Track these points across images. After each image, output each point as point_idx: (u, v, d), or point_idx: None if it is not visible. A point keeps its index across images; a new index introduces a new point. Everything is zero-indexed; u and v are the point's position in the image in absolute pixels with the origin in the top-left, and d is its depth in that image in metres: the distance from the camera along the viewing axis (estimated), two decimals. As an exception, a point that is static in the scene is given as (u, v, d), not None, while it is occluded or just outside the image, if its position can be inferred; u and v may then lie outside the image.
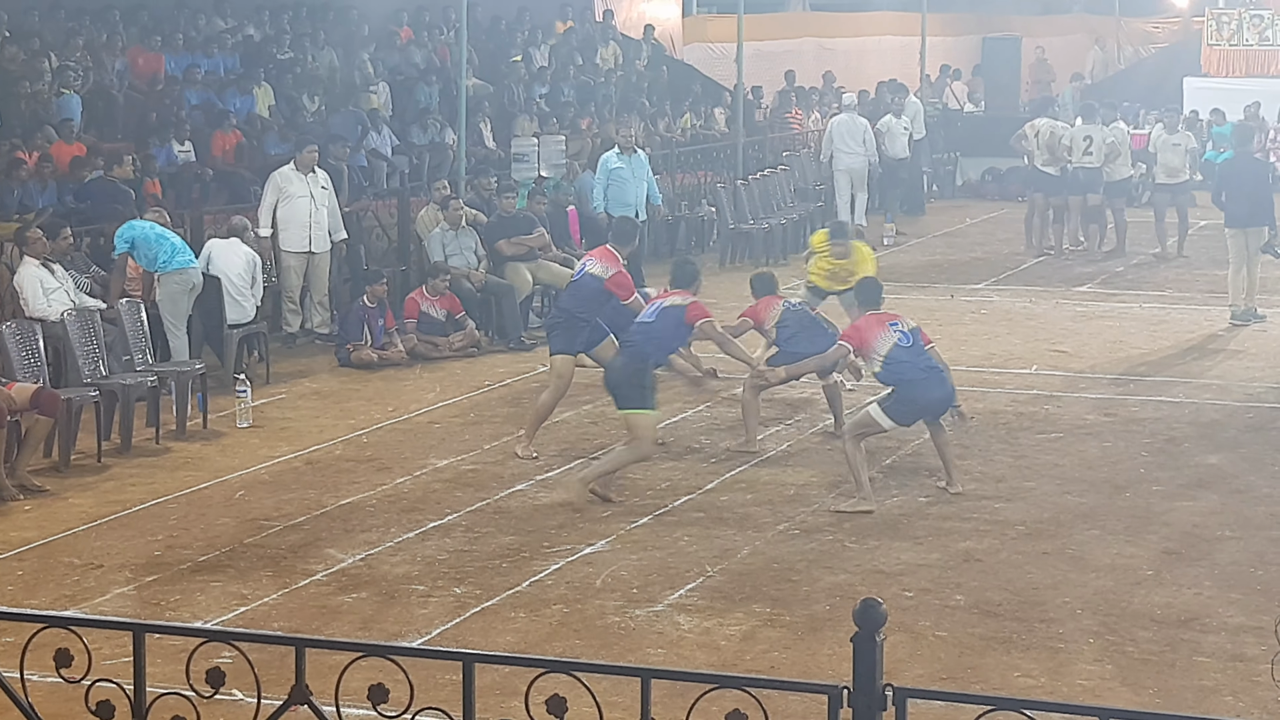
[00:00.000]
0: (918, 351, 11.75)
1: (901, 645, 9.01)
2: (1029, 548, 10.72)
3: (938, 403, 11.77)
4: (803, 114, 29.83)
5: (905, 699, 4.13)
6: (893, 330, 11.81)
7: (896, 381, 11.75)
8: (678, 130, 26.58)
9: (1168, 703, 8.31)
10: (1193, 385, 15.26)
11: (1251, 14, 33.29)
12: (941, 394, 11.74)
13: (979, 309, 19.19)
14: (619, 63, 28.24)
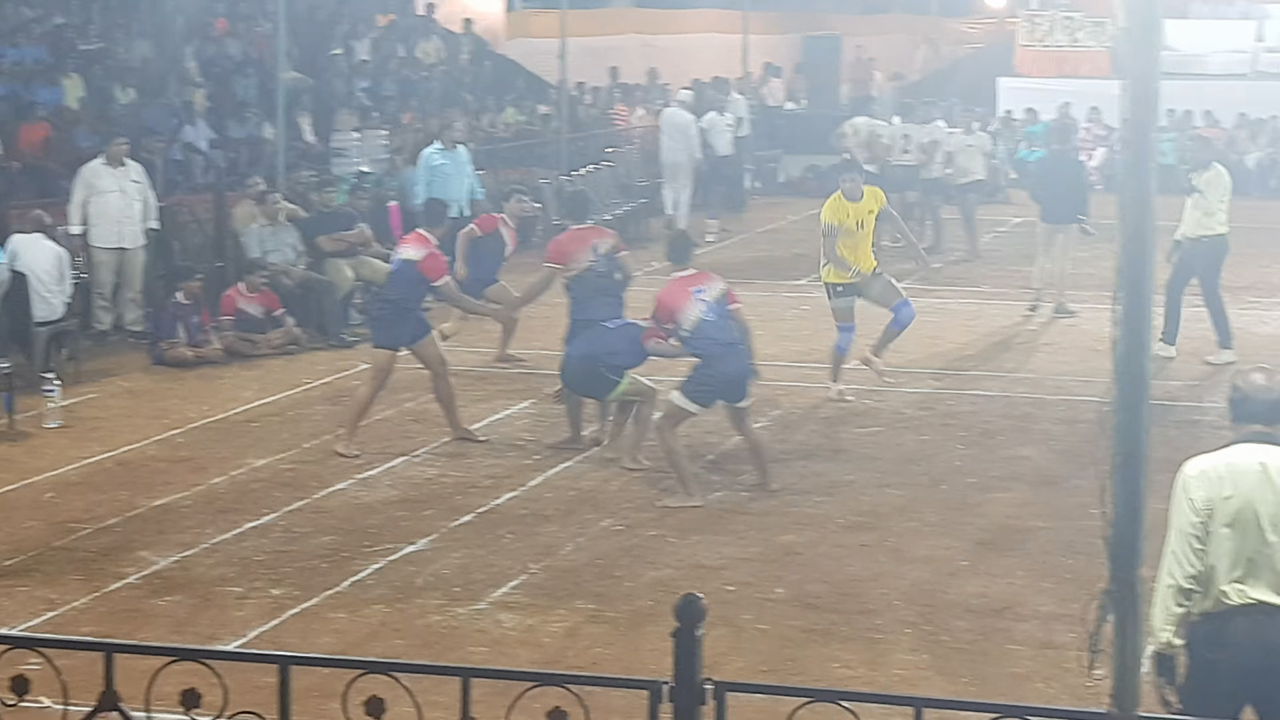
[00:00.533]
0: (720, 326, 11.68)
1: (723, 639, 9.06)
2: (848, 540, 10.84)
3: (735, 380, 11.67)
4: (627, 110, 29.91)
5: (725, 693, 4.18)
6: (698, 299, 11.70)
7: (698, 355, 11.71)
8: (501, 125, 26.51)
9: (982, 691, 8.43)
10: (1006, 379, 15.54)
11: (1063, 16, 34.01)
12: (737, 370, 11.67)
13: (801, 305, 19.37)
14: (441, 57, 28.10)
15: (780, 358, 16.33)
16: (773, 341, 17.09)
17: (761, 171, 30.67)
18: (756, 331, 17.35)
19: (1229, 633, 6.03)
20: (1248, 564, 6.03)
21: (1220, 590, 6.04)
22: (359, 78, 25.19)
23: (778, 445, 13.10)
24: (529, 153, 26.21)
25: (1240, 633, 6.03)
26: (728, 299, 11.86)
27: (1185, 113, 30.74)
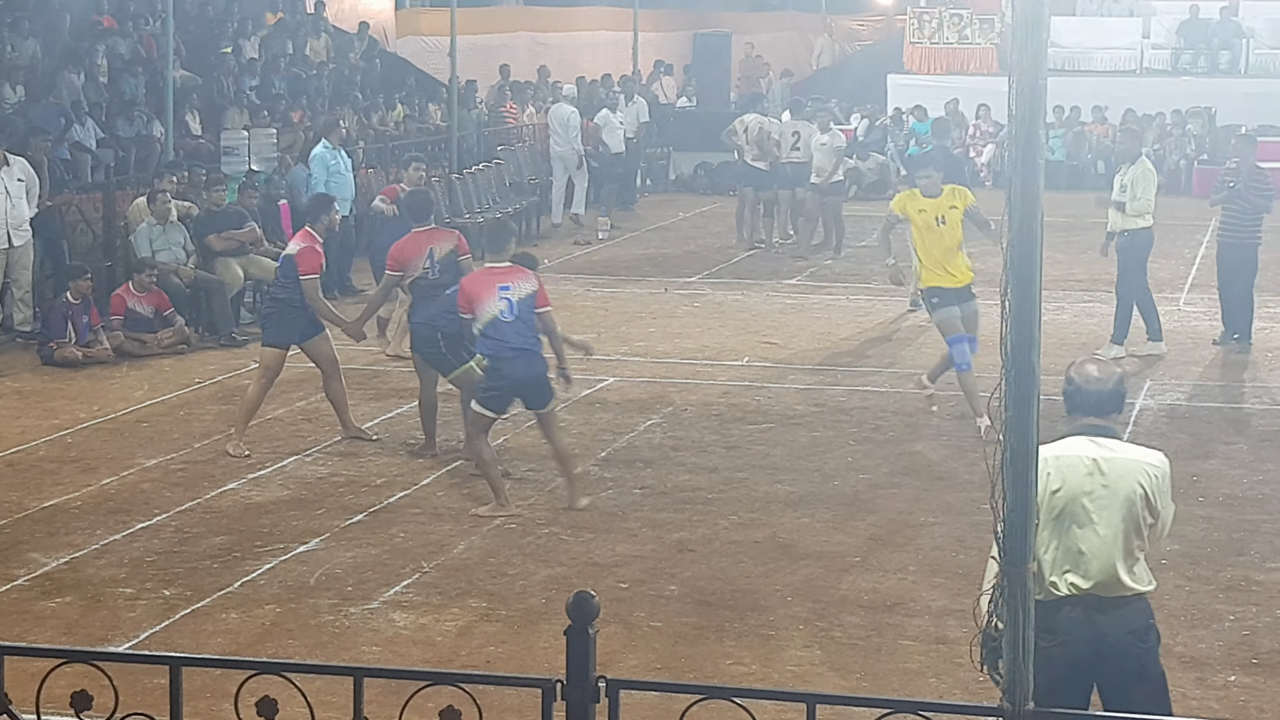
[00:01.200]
0: (516, 328, 11.23)
1: (616, 636, 9.09)
2: (741, 537, 10.90)
3: (525, 384, 11.31)
4: (518, 108, 29.88)
5: (618, 690, 4.19)
6: (500, 298, 11.24)
7: (485, 355, 11.44)
8: (391, 123, 26.40)
9: (874, 686, 8.51)
10: (898, 375, 15.66)
11: (951, 13, 34.31)
12: (529, 375, 11.29)
13: (692, 302, 19.44)
14: (331, 55, 27.93)
15: (671, 355, 16.39)
16: (664, 339, 17.16)
17: (652, 169, 30.74)
18: (648, 328, 17.57)
19: (1059, 623, 6.13)
20: (1077, 555, 6.15)
21: (1050, 581, 6.15)
22: (248, 76, 24.98)
23: (669, 443, 13.15)
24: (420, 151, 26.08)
25: (1070, 623, 6.14)
26: (536, 300, 11.35)
27: (1073, 109, 31.13)
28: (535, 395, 11.47)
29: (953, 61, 34.03)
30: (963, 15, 34.18)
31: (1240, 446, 13.09)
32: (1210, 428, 13.68)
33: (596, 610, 4.18)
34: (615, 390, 14.92)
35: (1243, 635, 9.22)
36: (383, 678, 4.76)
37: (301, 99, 25.00)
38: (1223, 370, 15.88)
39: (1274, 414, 14.12)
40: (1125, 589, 6.15)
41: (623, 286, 20.45)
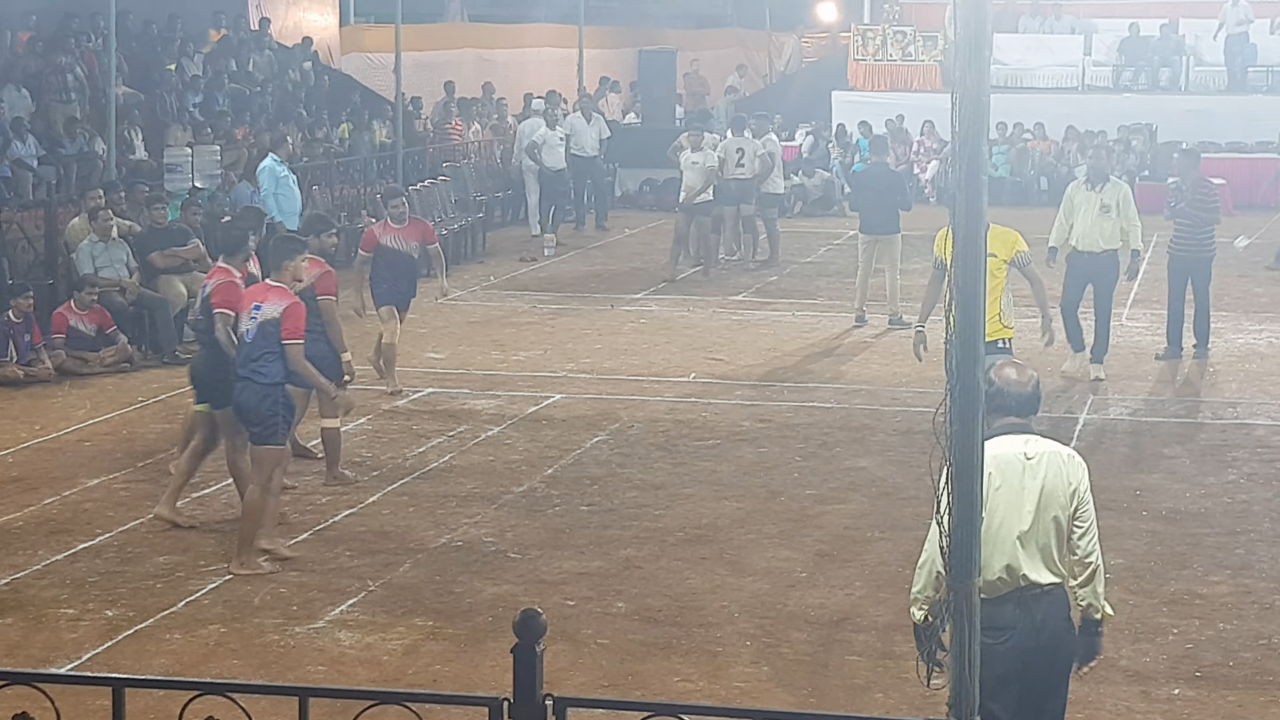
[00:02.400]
0: (248, 350, 10.63)
1: (563, 654, 9.09)
2: (688, 553, 10.91)
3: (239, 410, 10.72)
4: (463, 125, 29.91)
5: (565, 708, 4.21)
6: (250, 317, 10.70)
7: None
8: (336, 140, 26.36)
9: (822, 702, 8.54)
10: (843, 390, 15.73)
11: (894, 30, 34.54)
12: (240, 401, 10.66)
13: (638, 319, 19.46)
14: (274, 72, 27.88)
15: (618, 371, 16.40)
16: (610, 355, 17.18)
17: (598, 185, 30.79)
18: (594, 345, 17.59)
19: (1002, 616, 6.30)
20: (1014, 547, 6.35)
21: (992, 575, 6.29)
22: (191, 93, 24.89)
23: (615, 459, 13.15)
24: (365, 168, 26.11)
25: (1012, 616, 6.34)
26: (281, 329, 10.62)
27: (1016, 125, 31.38)
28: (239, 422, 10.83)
29: (897, 78, 34.25)
30: (906, 32, 34.40)
31: (1182, 460, 13.19)
32: (1152, 442, 13.79)
33: (543, 628, 4.19)
34: (561, 407, 14.92)
35: (1186, 649, 9.29)
36: (328, 697, 4.75)
37: (245, 116, 24.93)
38: (1164, 385, 16.01)
39: (1215, 428, 14.23)
40: (1056, 578, 6.40)
41: (569, 303, 20.46)
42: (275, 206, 19.04)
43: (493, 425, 14.04)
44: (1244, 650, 9.26)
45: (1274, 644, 9.34)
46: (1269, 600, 10.03)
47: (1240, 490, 12.34)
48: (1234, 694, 8.69)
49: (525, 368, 16.44)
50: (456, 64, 32.60)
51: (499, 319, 19.13)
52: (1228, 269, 22.70)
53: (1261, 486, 12.43)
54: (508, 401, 14.92)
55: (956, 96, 4.44)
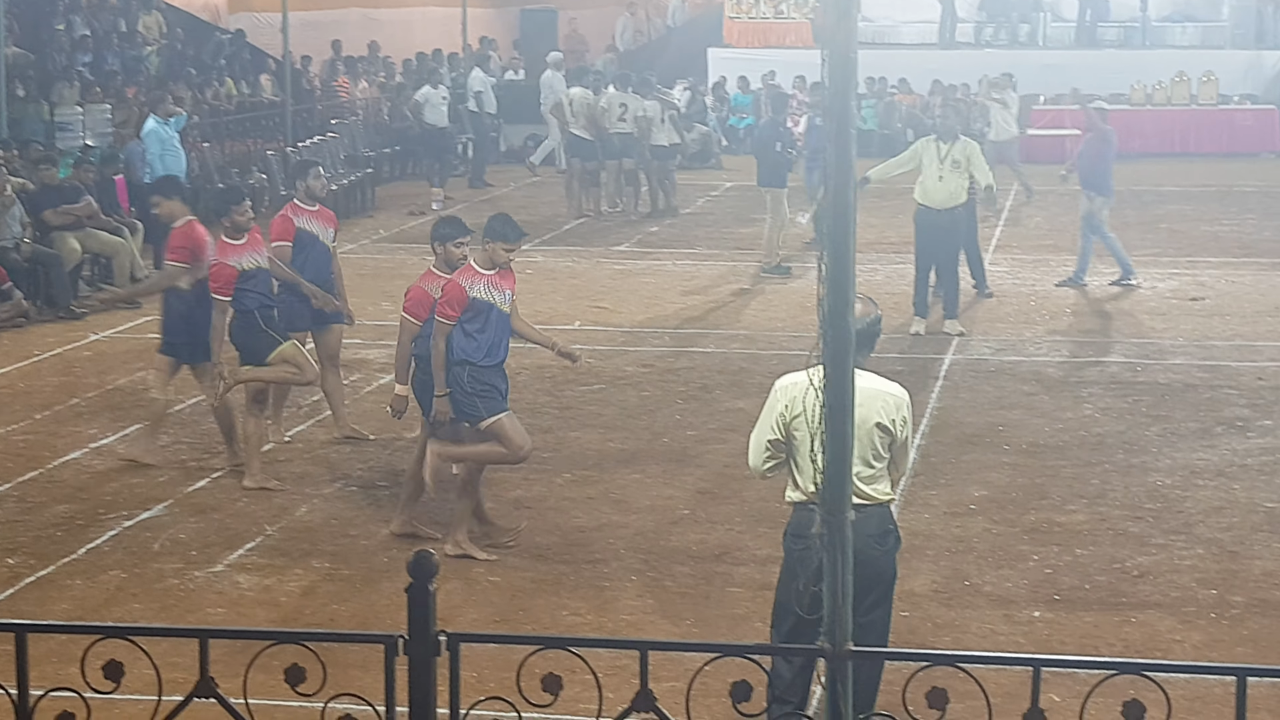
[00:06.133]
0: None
1: (457, 592, 9.39)
2: (575, 493, 11.27)
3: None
4: (350, 82, 29.98)
5: (458, 644, 4.30)
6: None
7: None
8: (224, 98, 26.36)
9: (704, 632, 8.91)
10: (722, 336, 16.12)
11: (768, -11, 34.85)
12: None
13: (524, 269, 19.67)
14: (164, 31, 27.80)
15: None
16: (499, 306, 17.44)
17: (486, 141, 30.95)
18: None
19: (798, 525, 7.07)
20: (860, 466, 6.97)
21: (809, 490, 6.98)
22: (81, 52, 24.78)
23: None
24: (254, 125, 26.15)
25: (804, 524, 6.94)
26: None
27: (883, 80, 31.87)
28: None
29: (770, 35, 34.59)
30: (779, -9, 34.71)
31: (1041, 397, 13.70)
32: (1014, 380, 14.29)
33: (436, 568, 4.24)
34: (450, 356, 15.16)
35: (1045, 574, 9.77)
36: (228, 638, 4.83)
37: (136, 75, 24.88)
38: (1025, 325, 16.50)
39: (1071, 365, 14.76)
40: (865, 498, 6.98)
41: (456, 256, 20.66)
42: (163, 169, 19.15)
43: (385, 374, 14.30)
44: (1099, 574, 9.75)
45: (1127, 568, 9.84)
46: (1122, 527, 10.55)
47: (1095, 424, 12.88)
48: (1090, 615, 9.16)
49: (414, 319, 16.65)
50: (343, 23, 32.62)
51: (388, 271, 19.32)
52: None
53: (1115, 420, 12.98)
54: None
55: (826, 53, 4.51)
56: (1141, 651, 8.60)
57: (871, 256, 19.33)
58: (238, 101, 26.77)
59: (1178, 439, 12.43)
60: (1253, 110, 31.65)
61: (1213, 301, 17.34)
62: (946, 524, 10.61)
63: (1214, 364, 14.70)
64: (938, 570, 9.84)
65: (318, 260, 12.46)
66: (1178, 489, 11.28)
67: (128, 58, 25.62)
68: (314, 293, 12.26)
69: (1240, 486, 11.32)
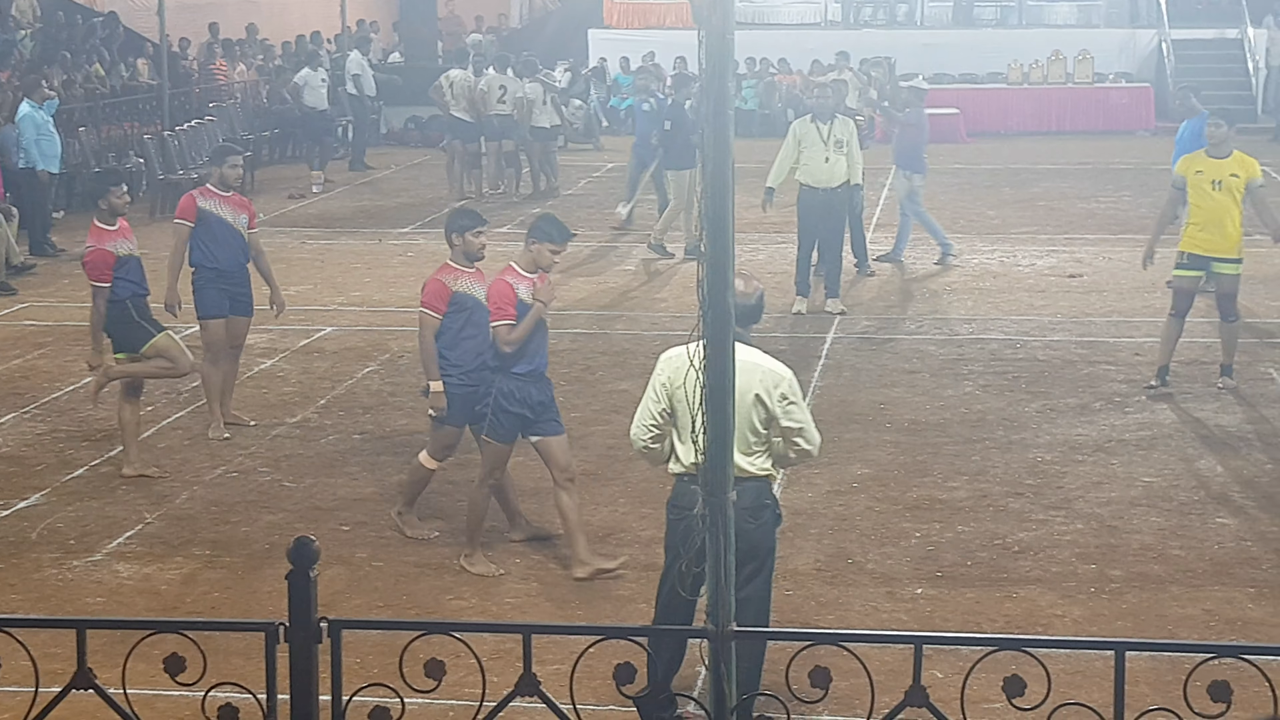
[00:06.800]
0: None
1: (340, 578, 9.35)
2: (460, 476, 11.20)
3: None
4: (228, 65, 29.69)
5: (340, 630, 4.31)
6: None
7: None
8: (97, 80, 26.00)
9: (588, 614, 8.92)
10: (605, 317, 16.11)
11: (647, -30, 34.89)
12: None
13: (406, 252, 19.65)
14: (38, 15, 27.38)
15: (388, 304, 16.61)
16: (379, 288, 17.37)
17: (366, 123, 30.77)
18: (364, 279, 17.80)
19: (686, 498, 7.22)
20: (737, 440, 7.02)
21: (688, 462, 7.19)
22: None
23: (387, 389, 13.41)
24: (131, 109, 25.81)
25: (693, 496, 7.02)
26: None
27: (763, 60, 31.99)
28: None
29: (650, 16, 34.63)
30: (658, -28, 34.75)
31: (923, 375, 13.82)
32: (894, 358, 14.40)
33: (316, 554, 4.23)
34: (333, 339, 15.12)
35: (928, 550, 9.86)
36: (106, 628, 4.76)
37: (9, 59, 24.49)
38: (905, 304, 16.65)
39: (953, 343, 14.89)
40: (741, 472, 6.95)
41: (338, 239, 20.57)
42: (38, 154, 18.87)
43: (265, 359, 14.19)
44: (980, 550, 9.86)
45: (1008, 543, 9.95)
46: (1003, 503, 10.67)
47: (976, 401, 13.02)
48: (972, 591, 9.26)
49: (296, 302, 16.48)
50: (220, 5, 32.24)
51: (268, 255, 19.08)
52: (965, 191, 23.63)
53: (995, 397, 13.12)
54: (279, 335, 15.06)
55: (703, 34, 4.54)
56: (1023, 627, 8.69)
57: (754, 236, 19.40)
58: (114, 85, 26.40)
59: (1057, 415, 12.58)
60: (1127, 89, 32.10)
61: (1090, 278, 17.55)
62: (829, 502, 10.67)
63: (1092, 340, 14.89)
64: (821, 549, 9.89)
65: (229, 245, 12.12)
66: (1057, 465, 11.41)
67: (1, 42, 25.18)
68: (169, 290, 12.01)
69: (1118, 461, 11.47)
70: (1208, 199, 12.70)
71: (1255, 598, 9.13)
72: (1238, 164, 12.76)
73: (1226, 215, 12.71)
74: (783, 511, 7.47)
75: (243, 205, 12.36)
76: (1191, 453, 11.70)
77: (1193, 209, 12.87)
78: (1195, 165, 12.87)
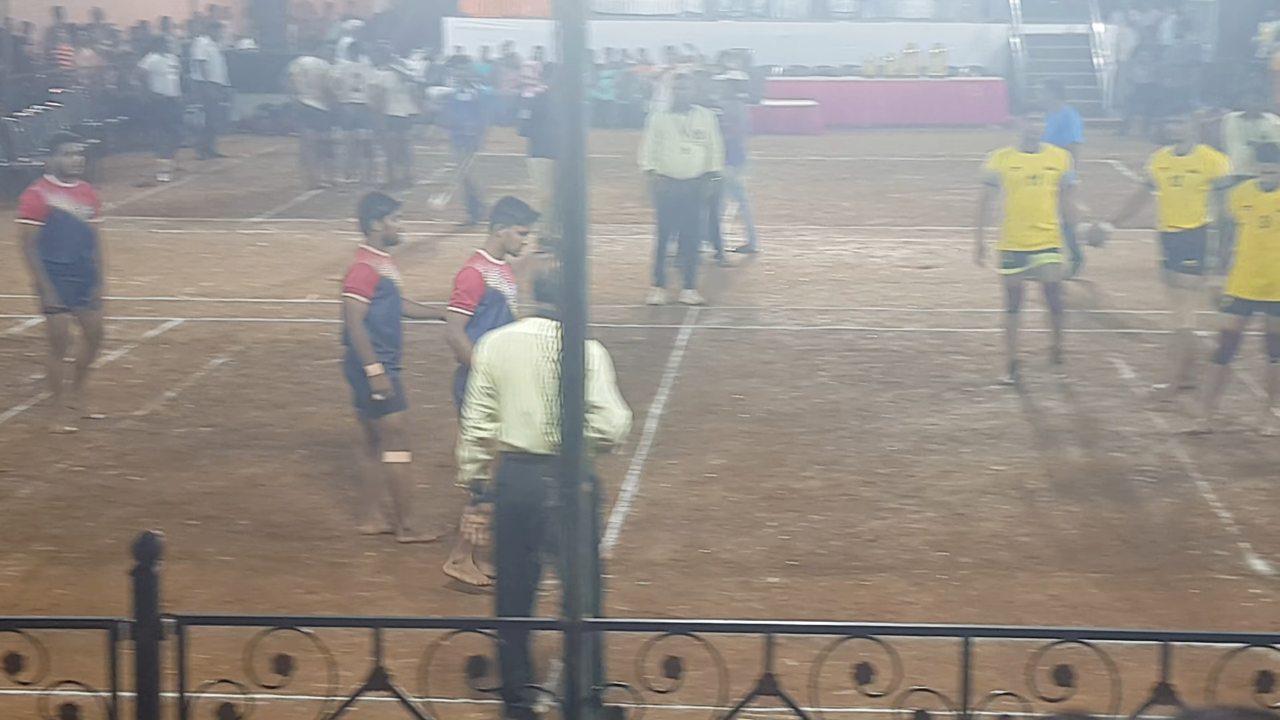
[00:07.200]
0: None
1: (188, 572, 9.21)
2: (311, 469, 11.12)
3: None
4: (73, 50, 29.18)
5: (185, 626, 4.25)
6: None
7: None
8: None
9: (442, 607, 8.87)
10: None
11: (503, -43, 34.80)
12: None
13: (257, 242, 19.42)
14: None
15: (239, 295, 16.42)
16: (230, 279, 17.16)
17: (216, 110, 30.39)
18: (214, 269, 17.56)
19: (505, 475, 7.52)
20: (523, 416, 7.37)
21: (503, 441, 7.45)
22: None
23: (238, 381, 13.24)
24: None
25: (512, 475, 7.44)
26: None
27: (622, 51, 32.03)
28: None
29: (507, 5, 34.53)
30: (515, -41, 34.66)
31: (778, 365, 13.89)
32: (751, 349, 14.46)
33: (160, 549, 4.19)
34: (182, 331, 14.90)
35: (781, 540, 9.92)
36: None
37: None
38: (762, 295, 16.71)
39: (809, 334, 14.98)
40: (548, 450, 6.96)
41: (188, 228, 20.28)
42: None
43: (111, 350, 13.93)
44: (834, 539, 9.93)
45: (860, 532, 10.03)
46: (856, 492, 10.75)
47: (830, 391, 13.10)
48: (825, 580, 9.33)
49: (143, 292, 16.32)
50: (65, -11, 31.74)
51: (115, 244, 18.63)
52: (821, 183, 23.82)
53: (849, 387, 13.22)
54: (126, 326, 14.80)
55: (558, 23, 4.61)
56: (874, 614, 8.77)
57: (611, 227, 19.39)
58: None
59: (909, 405, 12.69)
60: (980, 82, 32.53)
61: (942, 270, 17.74)
62: (685, 493, 10.69)
63: (944, 331, 15.05)
64: (676, 539, 9.91)
65: (75, 240, 11.85)
66: (909, 454, 11.52)
67: None
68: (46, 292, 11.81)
69: (969, 450, 11.60)
70: (1020, 193, 12.87)
71: (1100, 583, 9.28)
72: (1051, 157, 12.96)
73: (1039, 208, 12.86)
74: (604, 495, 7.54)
75: (86, 194, 12.10)
76: (1039, 441, 11.86)
77: (1008, 207, 13.01)
78: (1010, 161, 13.04)
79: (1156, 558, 9.68)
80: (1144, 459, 11.42)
